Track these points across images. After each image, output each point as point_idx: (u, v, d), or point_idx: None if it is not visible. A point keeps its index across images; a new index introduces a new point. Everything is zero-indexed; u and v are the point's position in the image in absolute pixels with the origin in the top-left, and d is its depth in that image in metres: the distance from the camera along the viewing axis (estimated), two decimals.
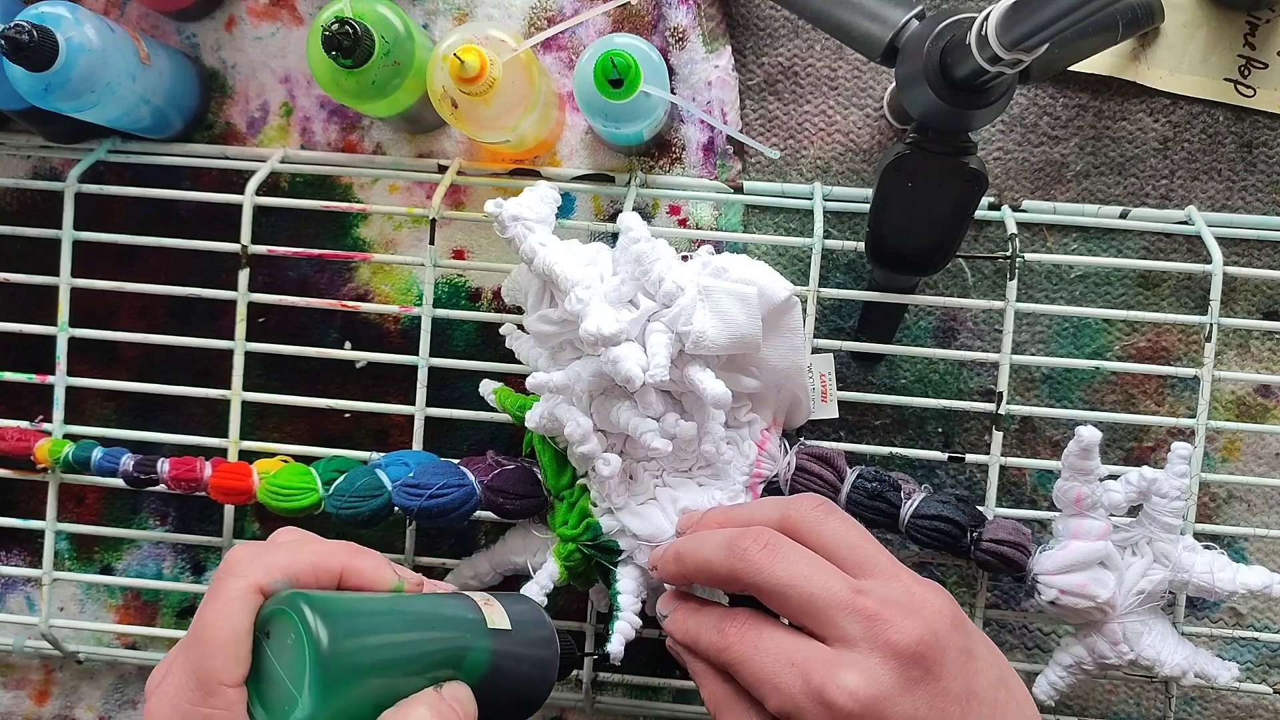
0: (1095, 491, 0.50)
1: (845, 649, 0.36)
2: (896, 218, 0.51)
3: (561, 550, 0.49)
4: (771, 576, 0.38)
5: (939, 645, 0.36)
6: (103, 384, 0.60)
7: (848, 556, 0.39)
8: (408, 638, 0.36)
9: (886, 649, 0.36)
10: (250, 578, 0.35)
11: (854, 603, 0.36)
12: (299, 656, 0.33)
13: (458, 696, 0.37)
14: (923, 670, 0.36)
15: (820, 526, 0.40)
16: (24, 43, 0.49)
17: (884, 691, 0.35)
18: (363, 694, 0.34)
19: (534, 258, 0.45)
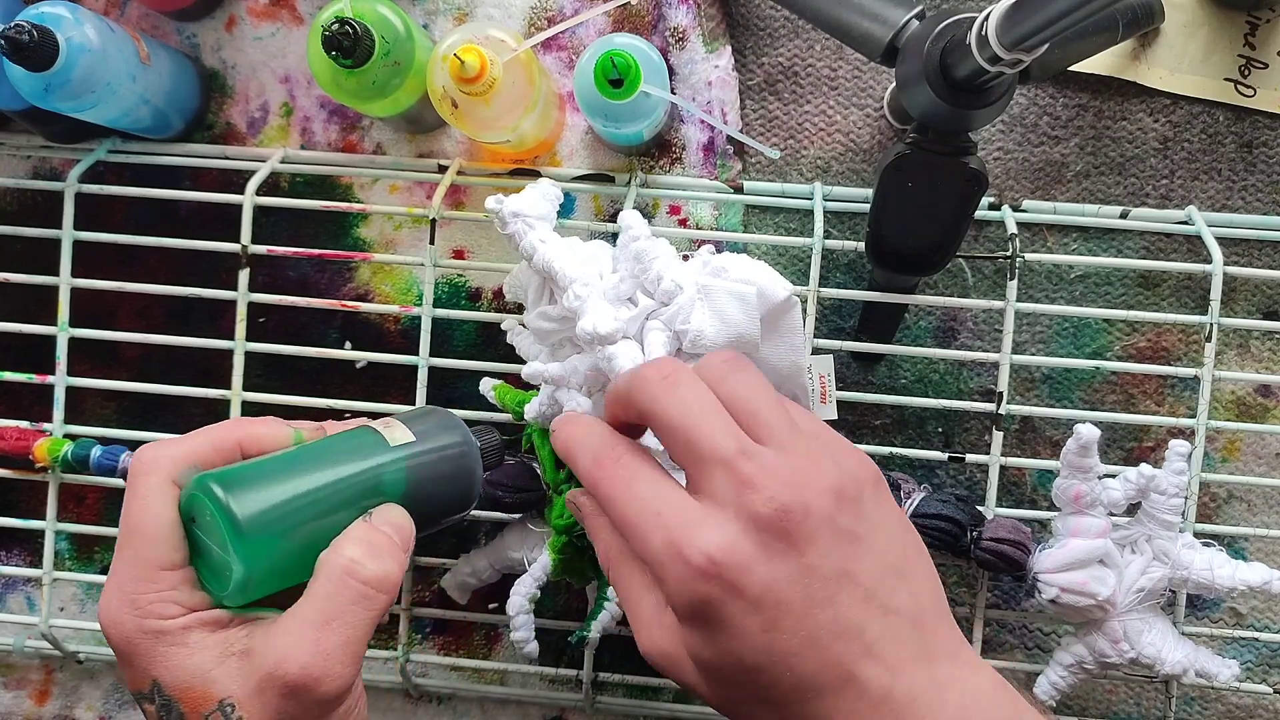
0: (1094, 489, 0.50)
1: (712, 508, 0.35)
2: (896, 218, 0.51)
3: (555, 542, 0.49)
4: (663, 410, 0.36)
5: (809, 520, 0.34)
6: (103, 384, 0.60)
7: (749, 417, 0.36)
8: (314, 479, 0.38)
9: (748, 516, 0.34)
10: (160, 473, 0.37)
11: (733, 463, 0.35)
12: (220, 529, 0.36)
13: (388, 519, 0.39)
14: (786, 543, 0.34)
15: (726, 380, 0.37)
16: (24, 43, 0.49)
17: (741, 558, 0.33)
18: (291, 543, 0.37)
19: (533, 254, 0.45)
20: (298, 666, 0.36)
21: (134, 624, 0.36)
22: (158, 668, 0.36)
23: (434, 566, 0.60)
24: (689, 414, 0.36)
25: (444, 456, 0.42)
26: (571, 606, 0.61)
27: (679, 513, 0.35)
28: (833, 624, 0.34)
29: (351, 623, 0.37)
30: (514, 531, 0.54)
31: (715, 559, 0.34)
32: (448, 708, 0.63)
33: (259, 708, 0.36)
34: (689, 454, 0.36)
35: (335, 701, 0.37)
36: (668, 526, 0.35)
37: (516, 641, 0.49)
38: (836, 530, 0.35)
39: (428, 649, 0.63)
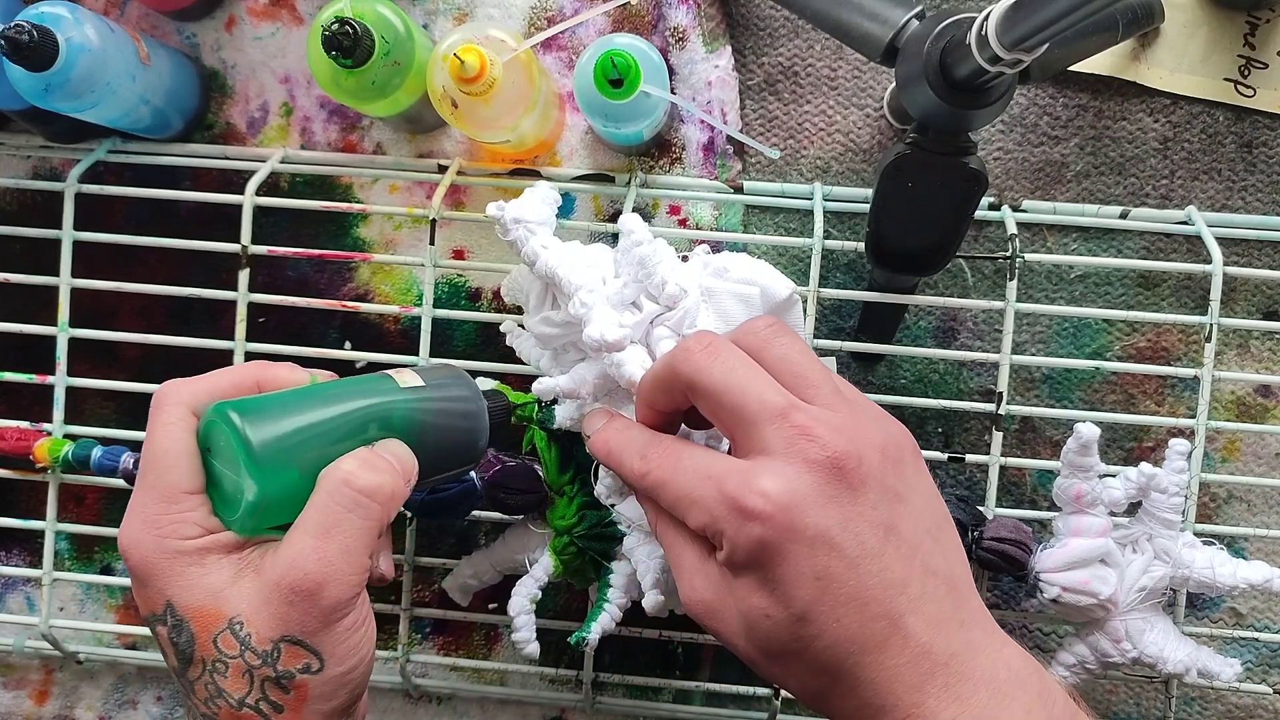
0: (1095, 488, 0.50)
1: (766, 460, 0.35)
2: (896, 218, 0.51)
3: (557, 544, 0.49)
4: (709, 377, 0.37)
5: (862, 469, 0.35)
6: (103, 384, 0.60)
7: (794, 378, 0.37)
8: (326, 410, 0.39)
9: (804, 460, 0.34)
10: (181, 405, 0.39)
11: (786, 415, 0.35)
12: (234, 452, 0.37)
13: (390, 448, 0.40)
14: (842, 487, 0.35)
15: (769, 346, 0.38)
16: (24, 43, 0.49)
17: (798, 498, 0.34)
18: (300, 467, 0.38)
19: (536, 260, 0.45)
20: (300, 573, 0.36)
21: (153, 544, 0.37)
22: (173, 588, 0.37)
23: (434, 567, 0.60)
24: (736, 376, 0.37)
25: (451, 406, 0.43)
26: (572, 607, 0.61)
27: (731, 469, 0.36)
28: (881, 575, 0.34)
29: (349, 530, 0.37)
30: (515, 533, 0.54)
31: (774, 498, 0.34)
32: (448, 708, 0.63)
33: (266, 619, 0.37)
34: (739, 415, 0.36)
35: (338, 610, 0.37)
36: (722, 484, 0.35)
37: (517, 642, 0.49)
38: (884, 485, 0.36)
39: (428, 649, 0.63)
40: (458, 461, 0.44)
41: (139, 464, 0.39)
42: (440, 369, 0.45)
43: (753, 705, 0.60)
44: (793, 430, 0.35)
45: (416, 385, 0.42)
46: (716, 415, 0.37)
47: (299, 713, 0.37)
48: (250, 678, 0.37)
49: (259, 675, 0.37)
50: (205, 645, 0.37)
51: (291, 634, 0.37)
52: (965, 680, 0.34)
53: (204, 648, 0.37)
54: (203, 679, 0.37)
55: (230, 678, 0.37)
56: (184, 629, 0.37)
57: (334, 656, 0.37)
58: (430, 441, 0.42)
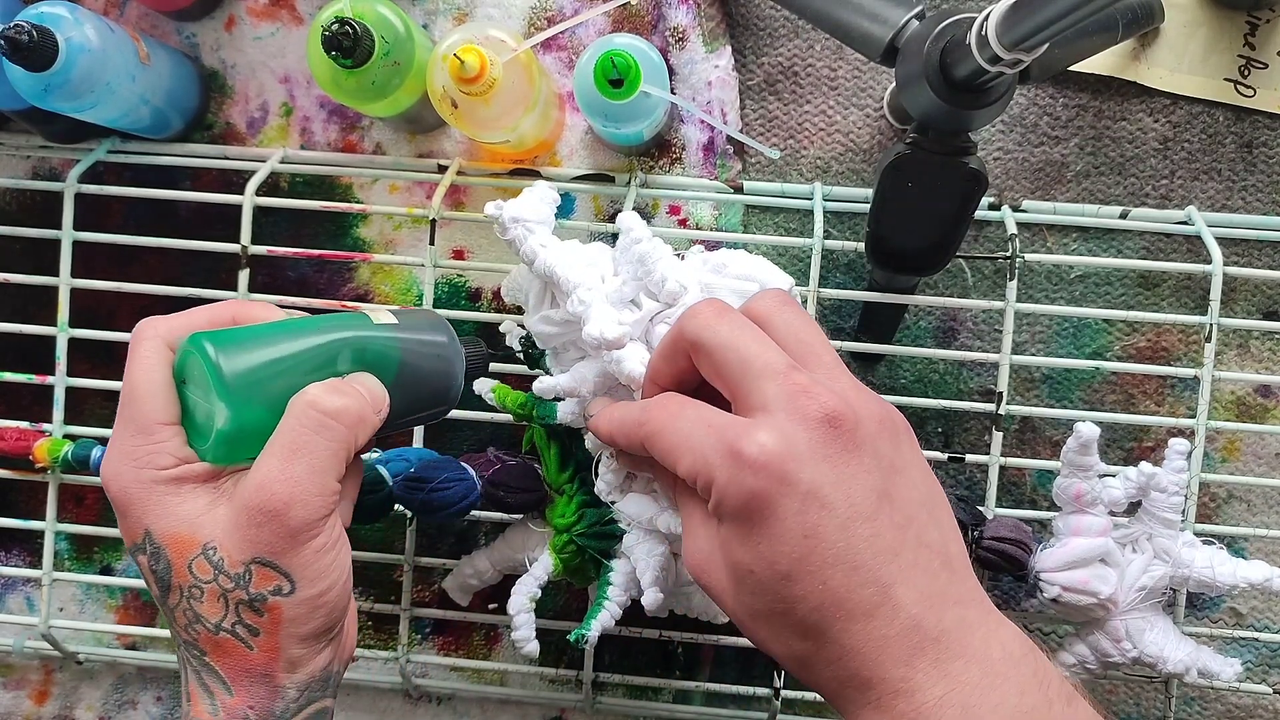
0: (1095, 488, 0.50)
1: (765, 415, 0.35)
2: (896, 218, 0.51)
3: (557, 542, 0.49)
4: (714, 334, 0.37)
5: (860, 432, 0.35)
6: (103, 384, 0.60)
7: (796, 347, 0.38)
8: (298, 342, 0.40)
9: (803, 415, 0.35)
10: (157, 339, 0.40)
11: (787, 375, 0.36)
12: (207, 382, 0.38)
13: (358, 378, 0.41)
14: (837, 447, 0.35)
15: (776, 316, 0.39)
16: (24, 43, 0.49)
17: (795, 451, 0.34)
18: (271, 396, 0.38)
19: (535, 259, 0.45)
20: (267, 494, 0.37)
21: (131, 474, 0.38)
22: (150, 516, 0.38)
23: (435, 567, 0.60)
24: (742, 336, 0.37)
25: (424, 348, 0.44)
26: (572, 607, 0.61)
27: (733, 421, 0.36)
28: (872, 540, 0.34)
29: (315, 451, 0.38)
30: (515, 532, 0.54)
31: (770, 448, 0.34)
32: (448, 708, 0.63)
33: (237, 541, 0.37)
34: (742, 371, 0.37)
35: (307, 530, 0.38)
36: (721, 433, 0.36)
37: (517, 641, 0.49)
38: (879, 453, 0.36)
39: (428, 649, 0.63)
40: (430, 403, 0.45)
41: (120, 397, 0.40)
42: (418, 312, 0.45)
43: (753, 705, 0.60)
44: (793, 387, 0.35)
45: (390, 323, 0.43)
46: (719, 372, 0.38)
47: (274, 635, 0.38)
48: (225, 601, 0.37)
49: (232, 598, 0.37)
50: (181, 571, 0.37)
51: (261, 555, 0.37)
52: (957, 657, 0.34)
53: (180, 574, 0.38)
54: (181, 605, 0.38)
55: (206, 602, 0.38)
56: (161, 556, 0.38)
57: (305, 578, 0.38)
58: (403, 379, 0.42)
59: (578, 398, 0.46)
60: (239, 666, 0.38)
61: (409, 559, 0.59)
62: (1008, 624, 0.36)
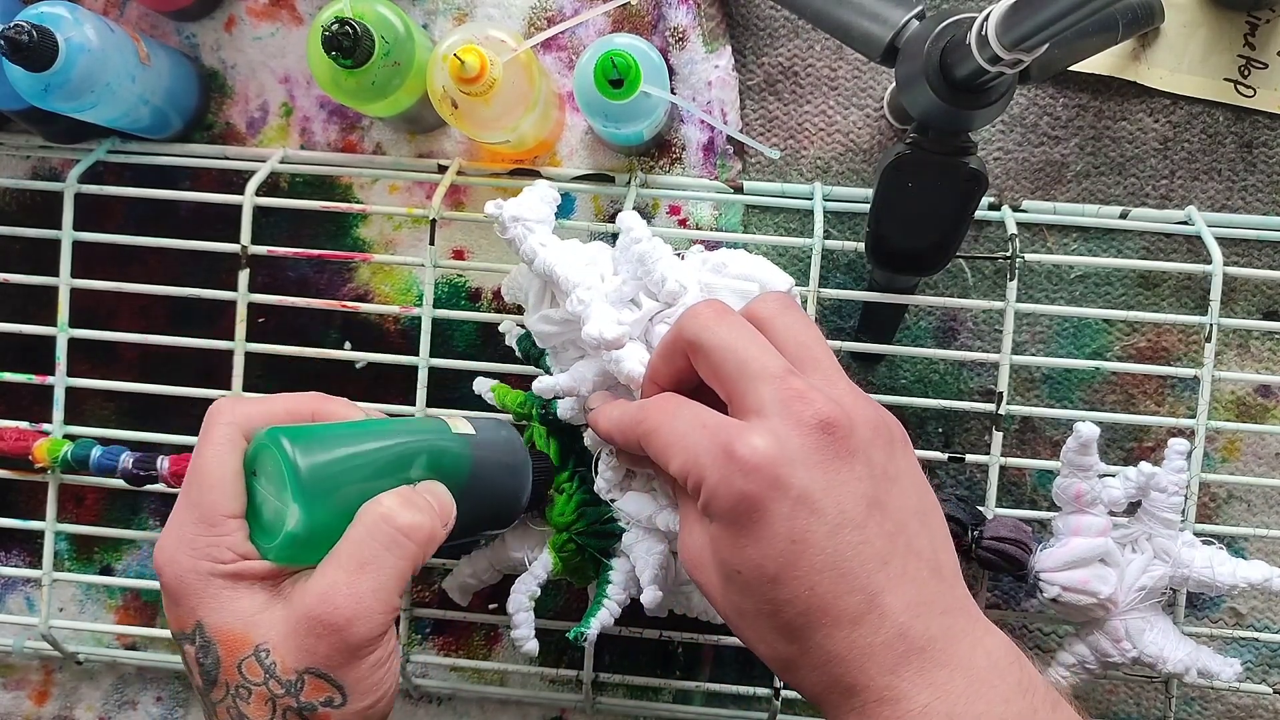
0: (1095, 488, 0.50)
1: (760, 418, 0.35)
2: (896, 218, 0.51)
3: (556, 541, 0.49)
4: (713, 335, 0.38)
5: (853, 438, 0.35)
6: (103, 384, 0.60)
7: (795, 351, 0.38)
8: (375, 444, 0.40)
9: (797, 420, 0.35)
10: (234, 425, 0.39)
11: (783, 379, 0.36)
12: (282, 478, 0.37)
13: (431, 489, 0.40)
14: (829, 453, 0.35)
15: (776, 319, 0.39)
16: (24, 43, 0.49)
17: (787, 455, 0.34)
18: (343, 500, 0.38)
19: (535, 259, 0.45)
20: (331, 606, 0.37)
21: (189, 564, 0.37)
22: (204, 609, 0.37)
23: (434, 567, 0.60)
24: (740, 338, 0.37)
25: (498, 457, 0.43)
26: (571, 606, 0.61)
27: (728, 423, 0.36)
28: (860, 547, 0.34)
29: (383, 567, 0.38)
30: (515, 531, 0.54)
31: (762, 451, 0.34)
32: (448, 708, 0.63)
33: (292, 649, 0.37)
34: (739, 373, 0.37)
35: (365, 646, 0.37)
36: (715, 433, 0.36)
37: (516, 639, 0.49)
38: (872, 460, 0.36)
39: (428, 649, 0.63)
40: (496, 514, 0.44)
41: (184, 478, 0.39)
42: (493, 423, 0.45)
43: (753, 705, 0.60)
44: (788, 391, 0.35)
45: (467, 432, 0.43)
46: (716, 374, 0.38)
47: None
48: (273, 706, 0.37)
49: (281, 704, 0.37)
50: (230, 669, 0.37)
51: (316, 666, 0.37)
52: (942, 666, 0.34)
53: (229, 672, 0.37)
54: (225, 702, 0.37)
55: (253, 704, 0.37)
56: (211, 650, 0.37)
57: (356, 692, 0.37)
58: (474, 490, 0.42)
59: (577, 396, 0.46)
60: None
61: None
62: (994, 632, 0.36)
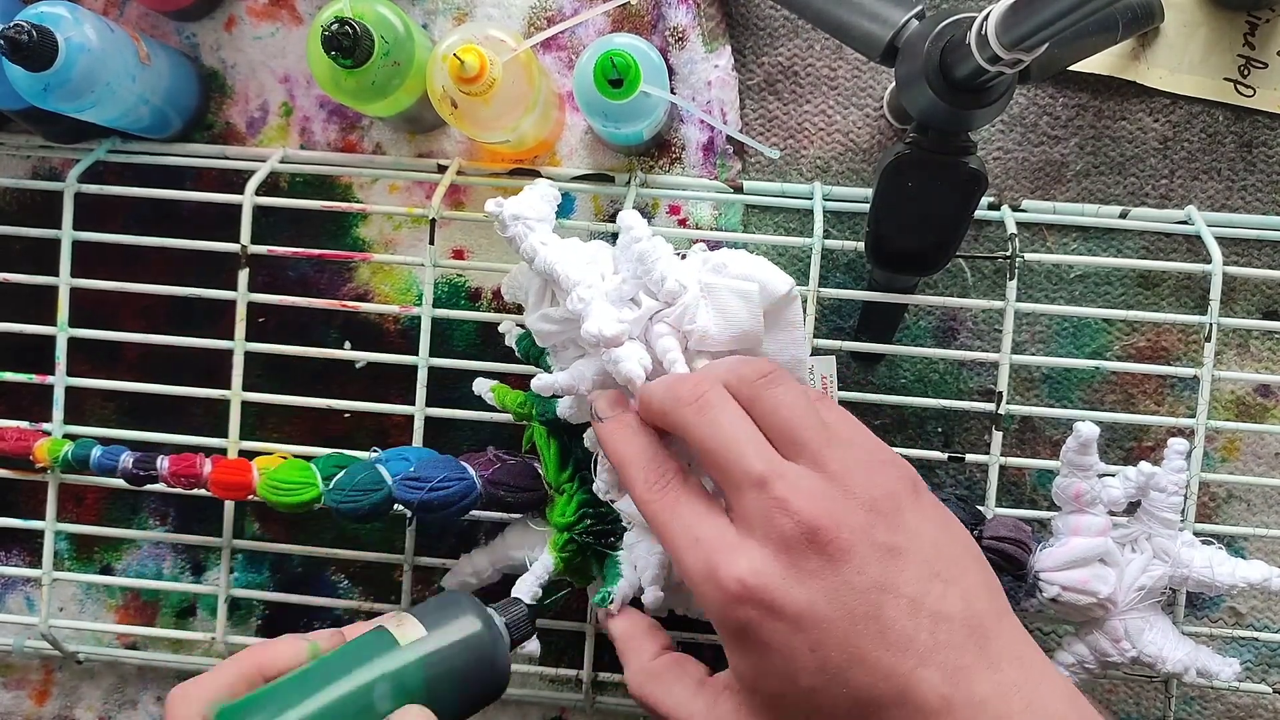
0: (1094, 487, 0.50)
1: (745, 533, 0.36)
2: (896, 218, 0.51)
3: (557, 541, 0.49)
4: (696, 433, 0.37)
5: (842, 536, 0.34)
6: (103, 384, 0.60)
7: (781, 434, 0.37)
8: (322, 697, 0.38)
9: (778, 538, 0.35)
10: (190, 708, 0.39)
11: (764, 485, 0.35)
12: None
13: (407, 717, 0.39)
14: (820, 561, 0.34)
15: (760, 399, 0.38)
16: (24, 43, 0.49)
17: (770, 580, 0.34)
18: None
19: (535, 257, 0.45)
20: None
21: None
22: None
23: (434, 567, 0.60)
24: (721, 438, 0.37)
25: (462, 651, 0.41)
26: (572, 606, 0.61)
27: (715, 539, 0.36)
28: (879, 636, 0.34)
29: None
30: (515, 531, 0.54)
31: (746, 583, 0.35)
32: None
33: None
34: (724, 477, 0.37)
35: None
36: (705, 553, 0.36)
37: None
38: (873, 544, 0.35)
39: None
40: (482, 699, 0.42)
41: None
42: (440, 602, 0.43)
43: None
44: (770, 503, 0.35)
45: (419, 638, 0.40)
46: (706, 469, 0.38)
47: None
48: None
49: None
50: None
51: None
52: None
53: None
54: None
55: None
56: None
57: None
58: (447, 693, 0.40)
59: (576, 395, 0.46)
60: None
61: (409, 559, 0.59)
62: (1051, 676, 0.35)
